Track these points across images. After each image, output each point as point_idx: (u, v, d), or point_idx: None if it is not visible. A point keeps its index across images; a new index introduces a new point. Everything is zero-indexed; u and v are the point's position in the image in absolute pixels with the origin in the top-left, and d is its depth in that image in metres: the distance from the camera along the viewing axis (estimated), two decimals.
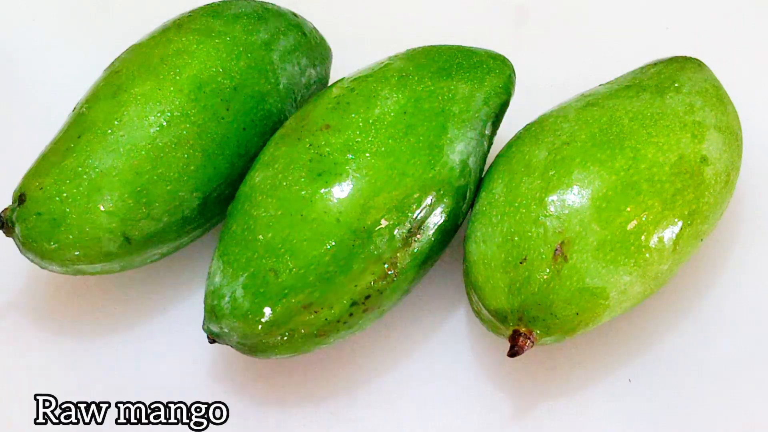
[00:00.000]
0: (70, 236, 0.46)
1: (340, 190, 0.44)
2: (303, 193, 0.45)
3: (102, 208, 0.46)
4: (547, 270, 0.44)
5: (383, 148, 0.46)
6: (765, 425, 0.49)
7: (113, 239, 0.47)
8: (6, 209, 0.47)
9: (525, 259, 0.44)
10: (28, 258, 0.48)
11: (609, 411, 0.50)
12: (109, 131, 0.47)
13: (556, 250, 0.43)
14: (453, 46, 0.51)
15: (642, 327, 0.51)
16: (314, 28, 0.54)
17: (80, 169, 0.46)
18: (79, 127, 0.47)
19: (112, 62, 0.50)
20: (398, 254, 0.46)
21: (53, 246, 0.47)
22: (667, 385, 0.50)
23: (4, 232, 0.48)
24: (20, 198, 0.47)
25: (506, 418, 0.50)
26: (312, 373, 0.51)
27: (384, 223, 0.45)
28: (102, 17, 0.62)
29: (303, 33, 0.53)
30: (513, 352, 0.44)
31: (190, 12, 0.51)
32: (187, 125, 0.47)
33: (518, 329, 0.45)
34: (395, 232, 0.45)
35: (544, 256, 0.44)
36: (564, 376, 0.51)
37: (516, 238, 0.44)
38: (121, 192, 0.46)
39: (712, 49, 0.55)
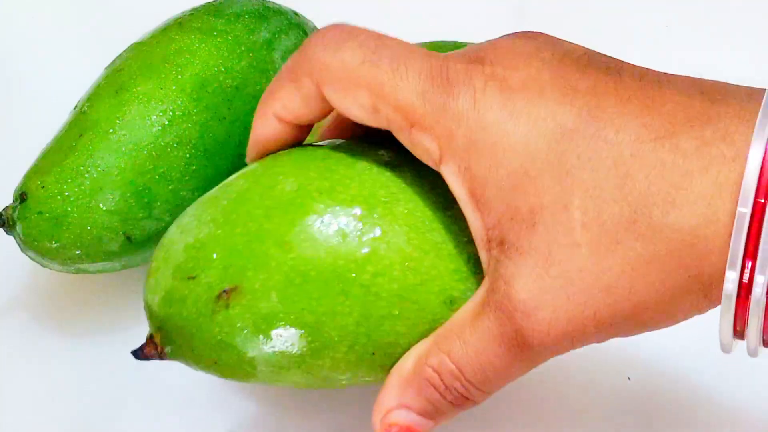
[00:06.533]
0: (72, 235, 0.46)
1: None
2: None
3: (103, 207, 0.46)
4: (205, 304, 0.37)
5: None
6: (766, 424, 0.49)
7: (114, 238, 0.47)
8: (7, 207, 0.47)
9: (195, 278, 0.37)
10: (29, 256, 0.48)
11: (609, 409, 0.50)
12: (111, 130, 0.47)
13: (225, 291, 0.36)
14: (450, 42, 0.51)
15: None
16: (315, 27, 0.54)
17: (82, 168, 0.46)
18: (81, 126, 0.47)
19: (113, 60, 0.50)
20: None
21: (54, 245, 0.47)
22: (667, 384, 0.50)
23: (5, 231, 0.47)
24: (21, 196, 0.47)
25: (505, 417, 0.50)
26: None
27: None
28: (103, 15, 0.62)
29: (304, 32, 0.53)
30: (138, 355, 0.40)
31: (191, 10, 0.51)
32: (189, 124, 0.47)
33: (154, 337, 0.39)
34: None
35: (210, 288, 0.37)
36: (563, 374, 0.51)
37: (202, 251, 0.37)
38: (123, 191, 0.46)
39: (712, 48, 0.55)
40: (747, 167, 0.31)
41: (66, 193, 0.46)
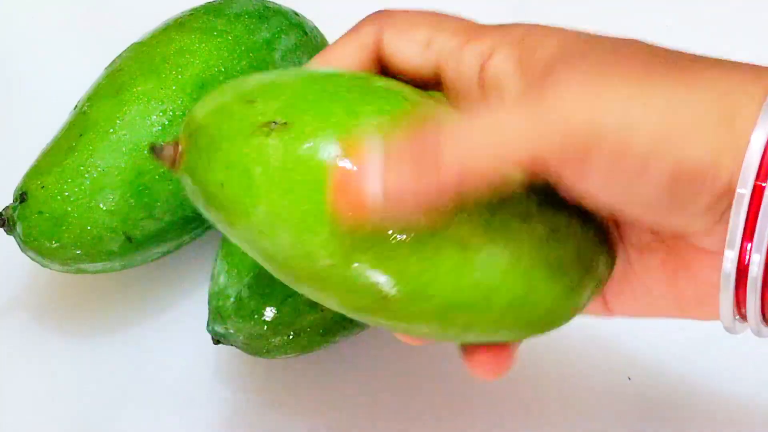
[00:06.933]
0: (72, 235, 0.46)
1: None
2: None
3: (103, 207, 0.46)
4: (249, 125, 0.36)
5: None
6: (766, 424, 0.49)
7: (114, 238, 0.47)
8: (7, 207, 0.47)
9: (252, 103, 0.36)
10: (29, 256, 0.48)
11: (608, 409, 0.50)
12: (111, 130, 0.47)
13: (274, 122, 0.35)
14: None
15: (642, 324, 0.51)
16: (315, 27, 0.54)
17: (82, 168, 0.46)
18: (81, 126, 0.47)
19: (113, 60, 0.50)
20: None
21: (54, 245, 0.47)
22: (667, 384, 0.50)
23: (5, 231, 0.48)
24: (21, 196, 0.47)
25: (505, 416, 0.50)
26: (315, 373, 0.51)
27: None
28: (103, 15, 0.62)
29: (304, 32, 0.53)
30: (154, 150, 0.38)
31: (191, 10, 0.51)
32: None
33: (180, 141, 0.37)
34: None
35: (261, 114, 0.36)
36: (563, 373, 0.51)
37: (271, 88, 0.37)
38: (123, 191, 0.47)
39: (712, 48, 0.55)
40: (749, 149, 0.32)
41: (66, 193, 0.46)
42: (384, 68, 0.38)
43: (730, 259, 0.33)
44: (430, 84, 0.38)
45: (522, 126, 0.33)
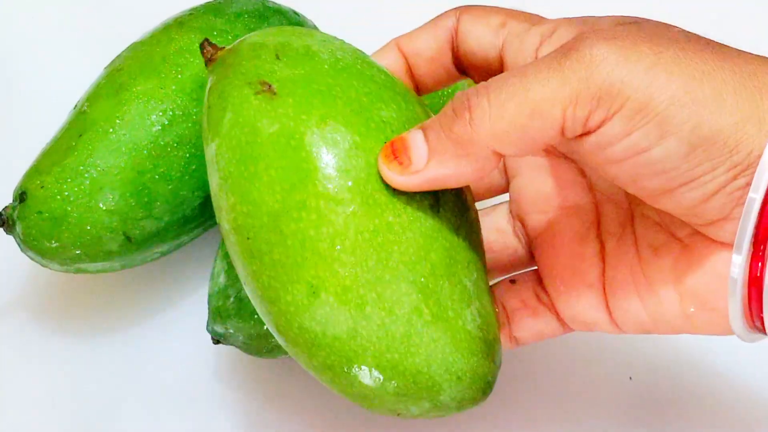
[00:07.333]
0: (71, 235, 0.46)
1: None
2: None
3: (103, 207, 0.46)
4: (255, 78, 0.39)
5: None
6: (766, 424, 0.49)
7: (114, 238, 0.47)
8: (7, 207, 0.47)
9: (279, 59, 0.39)
10: (29, 256, 0.48)
11: (609, 408, 0.50)
12: (111, 130, 0.47)
13: (270, 86, 0.38)
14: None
15: None
16: (315, 26, 0.54)
17: (81, 167, 0.46)
18: (81, 126, 0.47)
19: (113, 60, 0.50)
20: None
21: (54, 244, 0.47)
22: (667, 384, 0.50)
23: (4, 231, 0.48)
24: (21, 196, 0.47)
25: (505, 415, 0.50)
26: None
27: None
28: (103, 15, 0.62)
29: None
30: (203, 46, 0.41)
31: (191, 10, 0.51)
32: (189, 124, 0.47)
33: (225, 49, 0.41)
34: None
35: (272, 73, 0.39)
36: (564, 373, 0.51)
37: (302, 53, 0.40)
38: (123, 191, 0.46)
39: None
40: (765, 153, 0.32)
41: (66, 193, 0.46)
42: (455, 51, 0.40)
43: (737, 264, 0.33)
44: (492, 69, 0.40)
45: (549, 80, 0.34)
